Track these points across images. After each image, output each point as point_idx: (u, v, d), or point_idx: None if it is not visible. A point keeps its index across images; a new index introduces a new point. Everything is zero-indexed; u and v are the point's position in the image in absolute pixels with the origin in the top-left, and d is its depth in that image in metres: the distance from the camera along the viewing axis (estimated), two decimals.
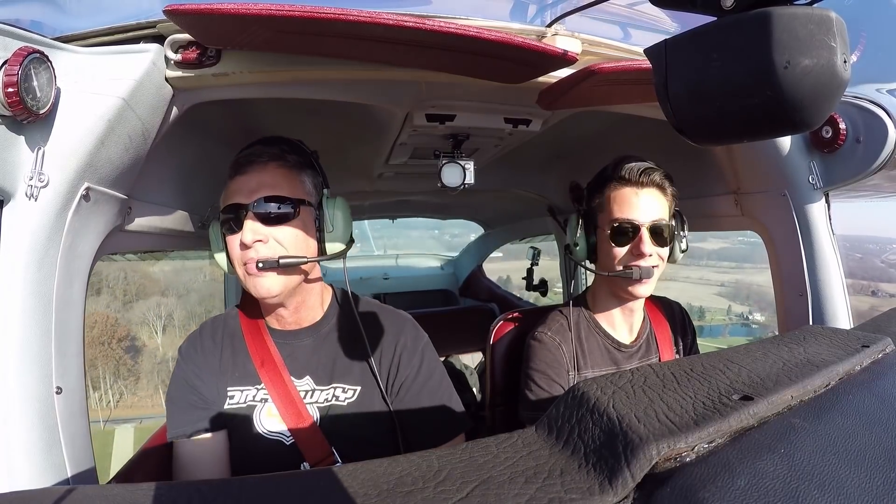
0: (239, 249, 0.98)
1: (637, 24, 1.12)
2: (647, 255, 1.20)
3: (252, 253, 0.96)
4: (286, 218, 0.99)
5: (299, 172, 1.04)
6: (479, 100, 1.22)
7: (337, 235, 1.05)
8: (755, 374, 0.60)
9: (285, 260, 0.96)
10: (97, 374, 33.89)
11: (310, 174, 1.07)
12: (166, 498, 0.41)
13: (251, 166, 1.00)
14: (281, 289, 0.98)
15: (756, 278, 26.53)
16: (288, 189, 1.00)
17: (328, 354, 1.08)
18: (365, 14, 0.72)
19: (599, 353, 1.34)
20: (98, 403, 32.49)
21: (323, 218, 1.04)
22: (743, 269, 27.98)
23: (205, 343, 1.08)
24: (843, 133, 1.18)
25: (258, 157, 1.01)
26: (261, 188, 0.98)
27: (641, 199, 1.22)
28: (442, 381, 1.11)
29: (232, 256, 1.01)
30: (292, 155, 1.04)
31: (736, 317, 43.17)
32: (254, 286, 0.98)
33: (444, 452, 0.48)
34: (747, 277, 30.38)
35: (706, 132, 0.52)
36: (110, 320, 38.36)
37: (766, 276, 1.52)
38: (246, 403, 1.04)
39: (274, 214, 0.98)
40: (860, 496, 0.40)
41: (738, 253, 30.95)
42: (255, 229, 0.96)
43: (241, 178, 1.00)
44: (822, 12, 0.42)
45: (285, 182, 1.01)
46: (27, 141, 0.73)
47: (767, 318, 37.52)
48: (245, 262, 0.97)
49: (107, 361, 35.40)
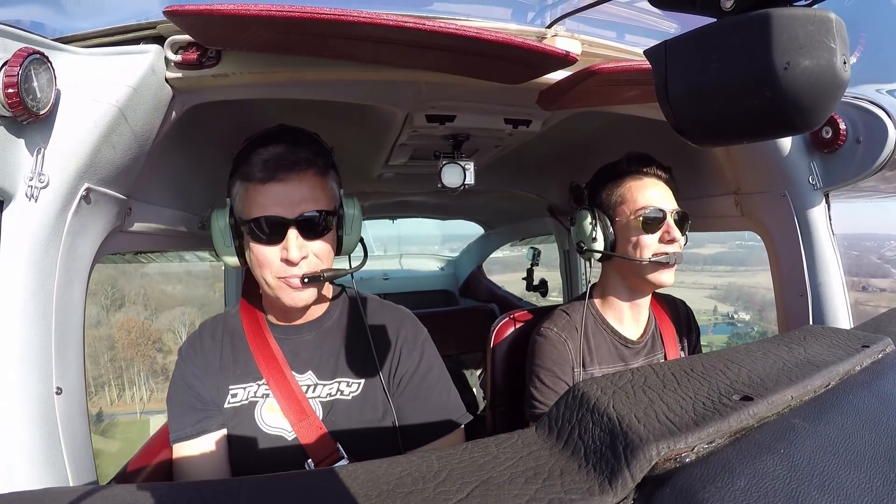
0: (275, 261, 0.96)
1: (636, 26, 1.12)
2: (677, 239, 1.25)
3: (296, 269, 0.95)
4: (326, 231, 0.99)
5: (329, 178, 1.03)
6: (480, 100, 1.22)
7: (353, 238, 1.07)
8: (755, 374, 0.60)
9: (329, 273, 0.97)
10: (135, 371, 37.43)
11: (334, 177, 1.05)
12: (166, 498, 0.41)
13: (289, 174, 0.95)
14: (315, 298, 1.00)
15: (747, 280, 26.83)
16: (325, 201, 0.99)
17: (331, 349, 1.08)
18: (365, 15, 0.72)
19: (607, 350, 1.34)
20: (135, 396, 36.36)
21: (343, 220, 1.04)
22: (737, 272, 28.09)
23: (204, 343, 1.08)
24: (843, 133, 1.18)
25: (295, 164, 0.95)
26: (303, 202, 0.95)
27: (661, 189, 1.29)
28: (441, 376, 1.12)
29: (262, 264, 0.97)
30: (321, 157, 1.00)
31: (721, 316, 43.88)
32: (290, 298, 0.97)
33: (444, 453, 0.48)
34: (739, 280, 30.63)
35: (706, 133, 0.52)
36: (145, 325, 41.73)
37: (757, 278, 1.53)
38: (248, 400, 1.04)
39: (316, 230, 0.97)
40: (860, 496, 0.40)
41: (735, 257, 31.11)
42: (300, 245, 0.95)
43: (278, 186, 0.94)
44: (821, 13, 0.42)
45: (322, 193, 0.99)
46: (27, 142, 0.73)
47: (752, 317, 37.81)
48: (284, 276, 0.96)
49: (143, 360, 38.77)
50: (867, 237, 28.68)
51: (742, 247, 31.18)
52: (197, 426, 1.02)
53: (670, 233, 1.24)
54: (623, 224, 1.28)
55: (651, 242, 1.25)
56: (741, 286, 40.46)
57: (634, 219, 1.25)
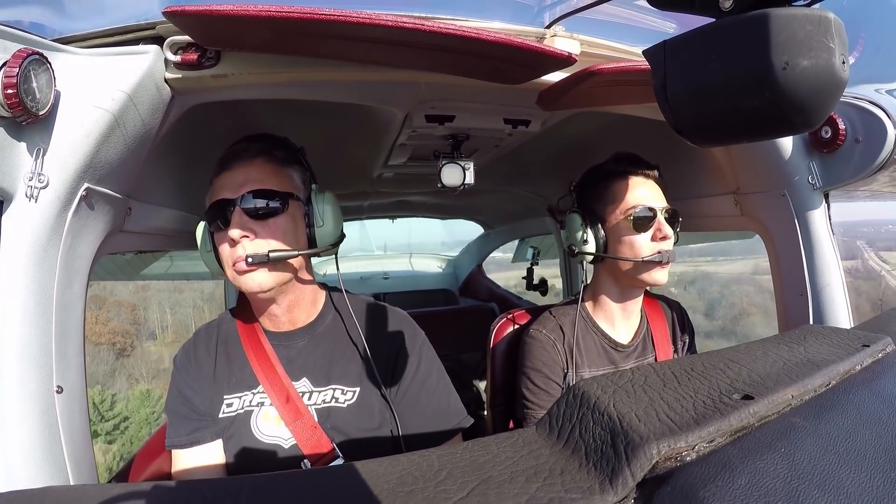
0: (227, 247, 0.96)
1: (636, 26, 1.12)
2: (669, 237, 1.24)
3: (240, 249, 0.95)
4: (275, 212, 0.98)
5: (287, 167, 1.04)
6: (479, 101, 1.22)
7: (327, 230, 1.04)
8: (756, 373, 0.60)
9: (275, 254, 0.94)
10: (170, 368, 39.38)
11: (297, 169, 1.06)
12: (166, 497, 0.41)
13: (237, 161, 0.99)
14: (273, 283, 0.97)
15: (705, 269, 27.75)
16: (276, 183, 0.99)
17: (324, 355, 1.07)
18: (364, 15, 0.72)
19: (596, 353, 1.34)
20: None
21: (312, 213, 1.03)
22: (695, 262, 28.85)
23: (199, 353, 1.07)
24: (843, 133, 1.18)
25: (244, 151, 1.00)
26: (247, 182, 0.97)
27: (650, 188, 1.28)
28: (440, 379, 1.10)
29: (221, 256, 0.99)
30: (279, 150, 1.03)
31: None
32: (245, 282, 0.96)
33: (445, 452, 0.48)
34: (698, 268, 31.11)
35: (705, 133, 0.52)
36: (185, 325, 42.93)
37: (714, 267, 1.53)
38: (243, 409, 1.03)
39: (262, 209, 0.96)
40: (860, 496, 0.40)
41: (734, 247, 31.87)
42: (242, 224, 0.95)
43: (227, 173, 0.99)
44: (820, 13, 0.42)
45: (273, 177, 1.00)
46: (27, 142, 0.73)
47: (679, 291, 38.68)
48: (234, 261, 0.95)
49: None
50: (864, 223, 28.70)
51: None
52: (190, 437, 1.01)
53: (661, 230, 1.23)
54: (613, 224, 1.28)
55: (642, 241, 1.24)
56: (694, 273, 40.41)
57: (625, 218, 1.25)
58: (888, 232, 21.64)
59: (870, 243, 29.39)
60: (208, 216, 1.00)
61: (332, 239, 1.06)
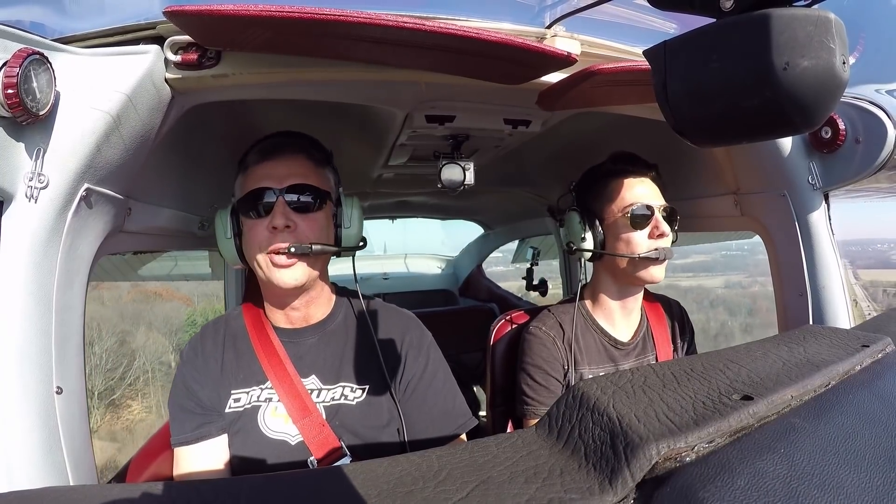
0: (265, 233, 0.97)
1: (636, 26, 1.12)
2: (667, 234, 1.25)
3: (282, 238, 0.96)
4: (313, 208, 1.00)
5: (323, 167, 1.07)
6: (479, 101, 1.22)
7: (352, 233, 1.07)
8: (755, 373, 0.60)
9: (318, 246, 0.97)
10: None
11: (331, 171, 1.10)
12: (166, 497, 0.41)
13: (281, 154, 1.01)
14: (306, 278, 0.99)
15: (706, 283, 28.10)
16: (316, 180, 1.02)
17: (334, 353, 1.07)
18: (365, 15, 0.72)
19: (596, 351, 1.35)
20: None
21: (341, 214, 1.06)
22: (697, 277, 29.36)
23: (206, 347, 1.07)
24: (843, 133, 1.18)
25: (286, 146, 1.02)
26: (291, 175, 0.99)
27: (648, 186, 1.30)
28: (447, 380, 1.12)
29: (252, 243, 0.99)
30: (316, 151, 1.07)
31: None
32: (280, 276, 0.97)
33: (444, 452, 0.48)
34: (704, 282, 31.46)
35: (705, 133, 0.52)
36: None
37: (716, 280, 1.54)
38: (251, 405, 1.03)
39: (303, 203, 0.99)
40: (860, 496, 0.40)
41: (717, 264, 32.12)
42: (286, 214, 0.97)
43: (269, 163, 1.00)
44: (821, 14, 0.42)
45: (314, 175, 1.03)
46: (27, 142, 0.73)
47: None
48: (271, 250, 0.96)
49: None
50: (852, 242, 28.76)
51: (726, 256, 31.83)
52: (196, 432, 1.01)
53: (659, 228, 1.25)
54: (611, 222, 1.29)
55: (640, 239, 1.26)
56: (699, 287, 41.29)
57: (622, 216, 1.26)
58: (875, 251, 21.82)
59: (852, 261, 29.71)
60: (243, 203, 1.00)
61: (354, 241, 1.09)
